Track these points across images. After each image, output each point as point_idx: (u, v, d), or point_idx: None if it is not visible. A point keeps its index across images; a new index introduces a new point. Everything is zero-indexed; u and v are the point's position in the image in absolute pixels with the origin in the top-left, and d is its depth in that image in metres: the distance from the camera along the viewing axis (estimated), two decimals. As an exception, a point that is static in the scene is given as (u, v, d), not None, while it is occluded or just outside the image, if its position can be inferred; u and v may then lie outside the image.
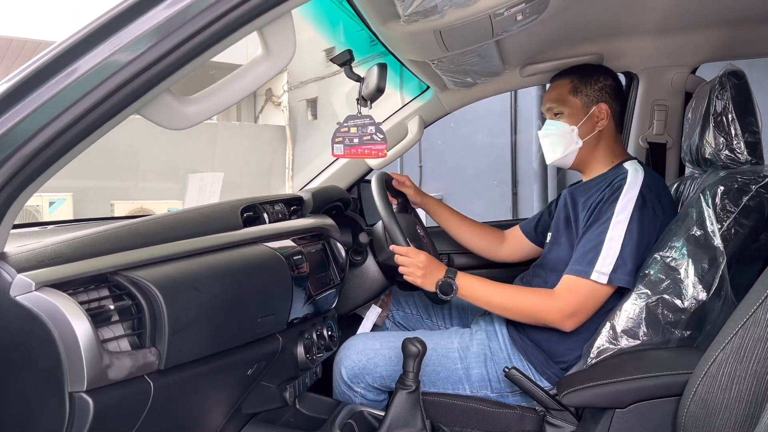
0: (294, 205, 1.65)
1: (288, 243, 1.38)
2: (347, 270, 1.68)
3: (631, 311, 1.34)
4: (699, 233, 1.33)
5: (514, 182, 5.53)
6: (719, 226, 1.32)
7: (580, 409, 1.39)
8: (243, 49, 1.29)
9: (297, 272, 1.34)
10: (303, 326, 1.46)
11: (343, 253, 1.65)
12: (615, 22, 1.71)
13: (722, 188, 1.35)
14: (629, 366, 1.29)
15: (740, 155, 1.42)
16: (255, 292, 1.21)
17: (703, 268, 1.31)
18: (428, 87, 2.03)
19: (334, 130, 1.52)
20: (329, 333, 1.55)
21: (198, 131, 7.55)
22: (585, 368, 1.37)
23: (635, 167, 1.50)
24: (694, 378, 1.10)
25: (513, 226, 1.94)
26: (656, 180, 1.51)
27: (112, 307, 0.92)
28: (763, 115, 1.48)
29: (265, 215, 1.47)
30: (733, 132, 1.43)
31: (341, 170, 2.11)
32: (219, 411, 1.26)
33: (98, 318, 0.89)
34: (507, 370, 1.39)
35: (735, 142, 1.43)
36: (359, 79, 1.50)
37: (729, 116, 1.43)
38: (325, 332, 1.53)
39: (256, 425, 1.42)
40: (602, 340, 1.36)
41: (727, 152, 1.44)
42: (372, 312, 1.80)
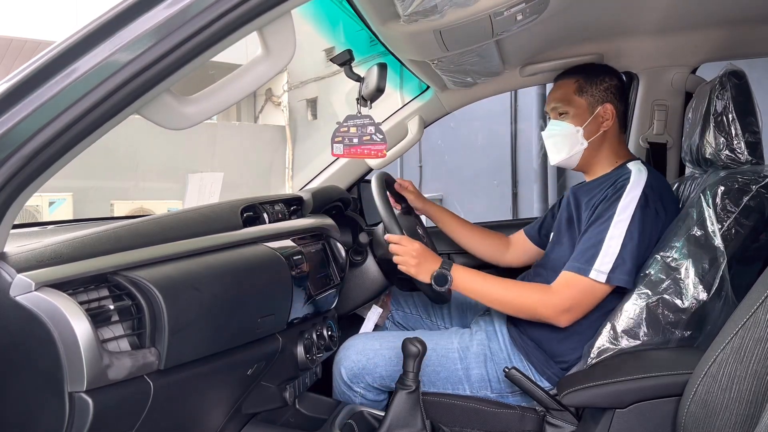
0: (294, 205, 1.65)
1: (288, 243, 1.38)
2: (347, 270, 1.68)
3: (632, 311, 1.34)
4: (699, 233, 1.33)
5: (514, 182, 5.52)
6: (720, 226, 1.32)
7: (580, 409, 1.39)
8: (243, 49, 1.29)
9: (297, 272, 1.34)
10: (303, 326, 1.46)
11: (343, 253, 1.65)
12: (615, 22, 1.71)
13: (723, 188, 1.35)
14: (629, 366, 1.28)
15: (740, 155, 1.42)
16: (255, 292, 1.21)
17: (704, 268, 1.31)
18: (428, 87, 2.03)
19: (334, 130, 1.52)
20: (329, 333, 1.55)
21: (198, 131, 7.54)
22: (585, 368, 1.37)
23: (639, 167, 1.50)
24: (695, 378, 1.10)
25: (515, 229, 1.93)
26: (659, 180, 1.50)
27: (112, 307, 0.92)
28: (764, 115, 1.48)
29: (265, 215, 1.47)
30: (734, 132, 1.43)
31: (341, 170, 2.11)
32: (219, 411, 1.26)
33: (98, 318, 0.89)
34: (507, 370, 1.39)
35: (735, 142, 1.43)
36: (359, 79, 1.49)
37: (729, 116, 1.43)
38: (325, 332, 1.53)
39: (256, 425, 1.42)
40: (602, 340, 1.36)
41: (728, 152, 1.43)
42: (373, 312, 1.80)
